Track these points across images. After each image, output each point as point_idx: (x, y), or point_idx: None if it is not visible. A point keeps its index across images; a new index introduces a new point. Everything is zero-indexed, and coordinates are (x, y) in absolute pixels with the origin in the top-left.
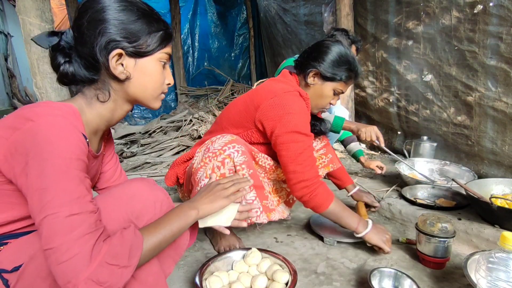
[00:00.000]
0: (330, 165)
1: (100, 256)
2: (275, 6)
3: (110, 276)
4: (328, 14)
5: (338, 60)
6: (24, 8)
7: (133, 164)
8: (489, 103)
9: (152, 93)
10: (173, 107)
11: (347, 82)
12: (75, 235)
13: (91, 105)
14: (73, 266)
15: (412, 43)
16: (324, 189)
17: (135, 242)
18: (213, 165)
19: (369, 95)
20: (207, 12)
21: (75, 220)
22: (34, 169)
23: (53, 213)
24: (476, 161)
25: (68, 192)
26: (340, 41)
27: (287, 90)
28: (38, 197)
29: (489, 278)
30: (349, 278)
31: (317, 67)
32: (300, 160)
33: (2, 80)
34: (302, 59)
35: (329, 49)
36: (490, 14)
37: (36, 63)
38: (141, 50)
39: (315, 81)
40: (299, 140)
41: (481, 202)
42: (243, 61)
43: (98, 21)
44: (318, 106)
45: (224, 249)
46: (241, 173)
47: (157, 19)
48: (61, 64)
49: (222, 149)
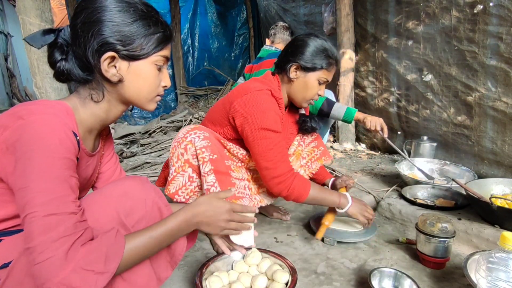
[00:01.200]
0: (322, 157)
1: (74, 261)
2: (275, 6)
3: (83, 282)
4: (328, 14)
5: (315, 50)
6: (24, 8)
7: (133, 164)
8: (489, 103)
9: (146, 96)
10: (173, 107)
11: (329, 69)
12: (51, 237)
13: (85, 104)
14: (46, 268)
15: (412, 43)
16: (300, 180)
17: (115, 247)
18: (177, 153)
19: (369, 95)
20: (207, 12)
21: (52, 220)
22: (19, 168)
23: (31, 212)
24: (476, 161)
25: (48, 191)
26: (313, 34)
27: (259, 88)
28: (20, 195)
29: (489, 278)
30: (349, 278)
31: (297, 61)
32: (270, 156)
33: (2, 80)
34: (280, 58)
35: (304, 42)
36: (490, 14)
37: (36, 63)
38: (135, 54)
39: (297, 75)
40: (268, 137)
41: (481, 202)
42: (243, 61)
43: (92, 22)
44: (305, 98)
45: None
46: (201, 156)
47: (155, 21)
48: (58, 61)
49: (184, 136)
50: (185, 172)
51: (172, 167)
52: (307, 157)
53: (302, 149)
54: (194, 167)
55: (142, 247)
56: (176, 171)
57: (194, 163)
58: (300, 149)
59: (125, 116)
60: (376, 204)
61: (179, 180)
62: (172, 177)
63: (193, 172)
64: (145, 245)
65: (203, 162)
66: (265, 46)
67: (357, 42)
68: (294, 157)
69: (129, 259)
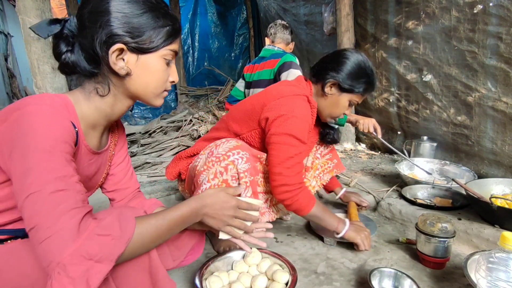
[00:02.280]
0: (334, 170)
1: (88, 230)
2: (275, 6)
3: (101, 248)
4: (328, 14)
5: (357, 72)
6: (24, 8)
7: (133, 164)
8: (489, 103)
9: (154, 90)
10: (173, 107)
11: (363, 94)
12: (60, 210)
13: (89, 99)
14: (56, 242)
15: (412, 43)
16: (306, 194)
17: (126, 218)
18: (215, 170)
19: (369, 95)
20: (207, 12)
21: (60, 195)
22: (17, 154)
23: (36, 191)
24: (476, 161)
25: (53, 170)
26: (359, 52)
27: (296, 93)
28: (21, 179)
29: (489, 278)
30: (349, 278)
31: (336, 78)
32: (288, 164)
33: (2, 80)
34: (319, 68)
35: (349, 60)
36: (490, 14)
37: (36, 63)
38: (144, 46)
39: (332, 91)
40: (293, 144)
41: (481, 202)
42: (243, 61)
43: (100, 12)
44: (332, 115)
45: (223, 249)
46: (244, 180)
47: (164, 14)
48: (63, 52)
49: (226, 155)
50: None
51: (207, 182)
52: (320, 169)
53: (318, 162)
54: None
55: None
56: (211, 188)
57: (232, 185)
58: (317, 162)
59: (126, 116)
60: (376, 204)
61: None
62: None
63: None
64: (156, 226)
65: (245, 187)
66: (267, 46)
67: (357, 42)
68: (312, 171)
69: (140, 236)
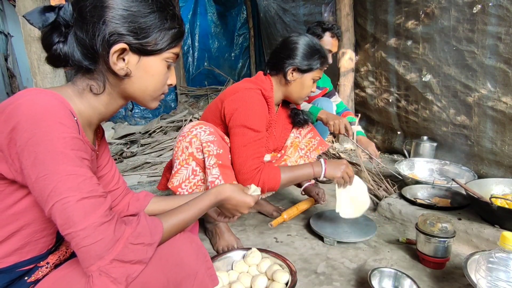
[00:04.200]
0: (319, 147)
1: (123, 239)
2: (275, 6)
3: (136, 255)
4: (328, 14)
5: (309, 52)
6: (24, 8)
7: (133, 164)
8: (488, 103)
9: (152, 93)
10: (173, 107)
11: (321, 68)
12: (94, 223)
13: (82, 96)
14: (94, 251)
15: (412, 43)
16: (267, 172)
17: (154, 223)
18: (182, 146)
19: (369, 95)
20: (207, 12)
21: (88, 204)
22: (27, 158)
23: (61, 199)
24: (476, 161)
25: (72, 175)
26: (302, 33)
27: (249, 87)
28: (40, 187)
29: (489, 278)
30: (349, 278)
31: (294, 64)
32: (242, 152)
33: (2, 80)
34: (275, 60)
35: (299, 44)
36: (489, 14)
37: (36, 63)
38: (148, 48)
39: (295, 76)
40: (245, 134)
41: (481, 202)
42: (243, 61)
43: (105, 7)
44: (301, 96)
45: (222, 249)
46: (206, 149)
47: (172, 15)
48: (54, 43)
49: (189, 131)
50: (189, 165)
51: (177, 160)
52: (305, 148)
53: (299, 140)
54: (198, 161)
55: (176, 224)
56: (180, 164)
57: (198, 157)
58: (298, 141)
59: (125, 116)
60: (376, 204)
61: (183, 173)
62: (176, 170)
63: (196, 166)
64: (178, 222)
65: (208, 155)
66: None
67: (357, 42)
68: (292, 149)
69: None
